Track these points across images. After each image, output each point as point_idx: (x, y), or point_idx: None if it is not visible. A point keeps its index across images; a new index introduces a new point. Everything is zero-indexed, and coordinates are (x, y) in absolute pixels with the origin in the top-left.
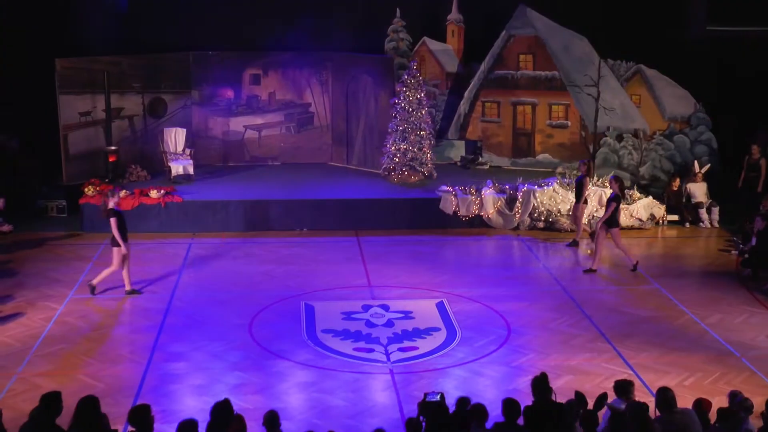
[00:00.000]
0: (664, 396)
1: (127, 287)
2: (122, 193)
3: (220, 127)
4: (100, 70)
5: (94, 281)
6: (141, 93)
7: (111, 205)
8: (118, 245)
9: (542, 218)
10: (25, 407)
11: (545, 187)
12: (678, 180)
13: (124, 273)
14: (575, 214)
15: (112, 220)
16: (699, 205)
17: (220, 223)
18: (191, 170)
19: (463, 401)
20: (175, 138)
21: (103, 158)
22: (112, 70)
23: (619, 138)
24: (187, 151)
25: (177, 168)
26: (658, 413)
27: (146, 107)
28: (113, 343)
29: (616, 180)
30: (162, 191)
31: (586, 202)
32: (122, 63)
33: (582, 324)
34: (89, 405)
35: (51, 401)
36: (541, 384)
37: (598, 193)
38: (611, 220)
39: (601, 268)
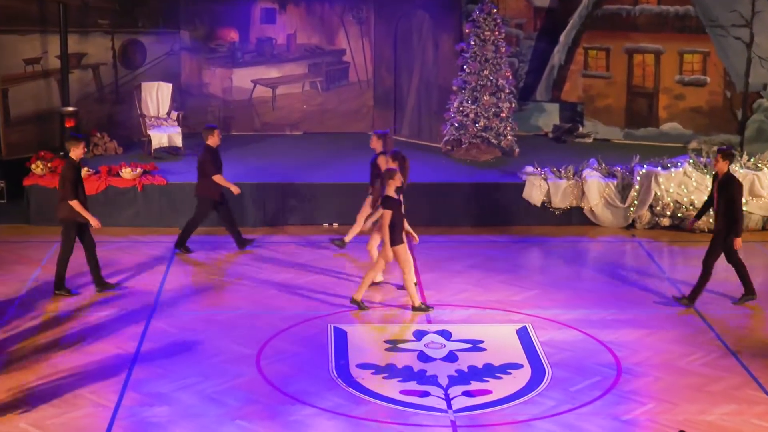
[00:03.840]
0: None
1: (416, 302)
2: (83, 171)
3: (220, 82)
4: (54, 1)
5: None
6: (110, 33)
7: (391, 190)
8: (395, 243)
9: (668, 213)
10: None
11: (673, 170)
12: None
13: (373, 278)
14: (366, 205)
15: (386, 213)
16: None
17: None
18: (179, 141)
19: None
20: (158, 96)
21: (58, 123)
22: (71, 1)
23: None
24: (174, 114)
25: (159, 138)
26: None
27: (118, 53)
28: (68, 379)
29: (394, 158)
30: (138, 170)
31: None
32: None
33: (724, 363)
34: None
35: None
36: None
37: (749, 178)
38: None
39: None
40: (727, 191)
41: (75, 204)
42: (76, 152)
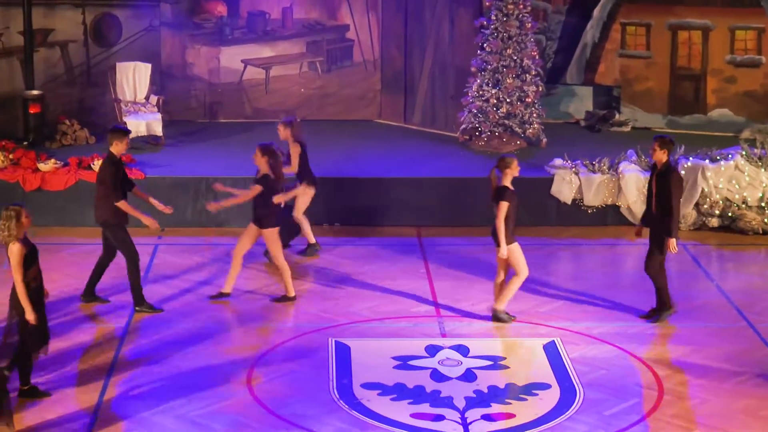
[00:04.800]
0: None
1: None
2: (50, 163)
3: (206, 63)
4: None
5: (499, 305)
6: (81, 6)
7: (508, 180)
8: (504, 241)
9: (716, 212)
10: None
11: (722, 163)
12: None
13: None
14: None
15: (503, 205)
16: None
17: (203, 214)
18: (159, 129)
19: None
20: (134, 78)
21: (20, 108)
22: None
23: None
24: (153, 99)
25: (137, 125)
26: None
27: (89, 29)
28: (32, 401)
29: (264, 151)
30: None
31: (313, 183)
32: None
33: None
34: None
35: None
36: None
37: None
38: (263, 215)
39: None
40: (664, 184)
41: (123, 205)
42: (119, 147)
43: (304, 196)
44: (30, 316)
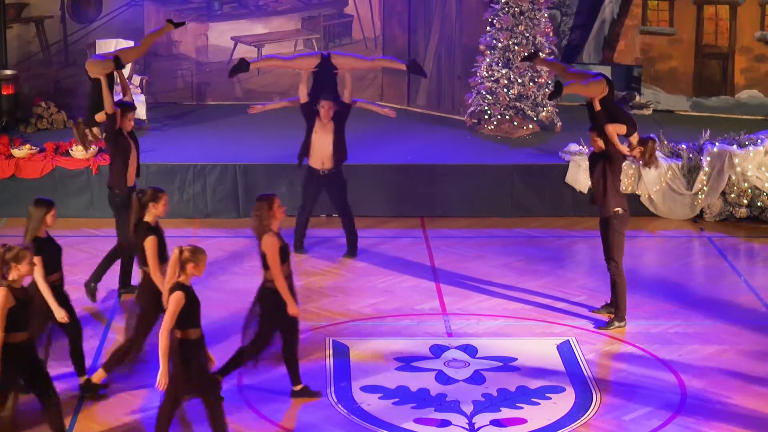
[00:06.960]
0: None
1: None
2: (25, 149)
3: (193, 40)
4: None
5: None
6: None
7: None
8: None
9: (744, 201)
10: None
11: (751, 148)
12: None
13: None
14: None
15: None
16: None
17: (190, 203)
18: (142, 112)
19: None
20: None
21: None
22: None
23: None
24: (136, 79)
25: None
26: None
27: (66, 3)
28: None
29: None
30: (93, 148)
31: None
32: None
33: None
34: None
35: None
36: None
37: None
38: None
39: None
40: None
41: None
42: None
43: None
44: (293, 309)
